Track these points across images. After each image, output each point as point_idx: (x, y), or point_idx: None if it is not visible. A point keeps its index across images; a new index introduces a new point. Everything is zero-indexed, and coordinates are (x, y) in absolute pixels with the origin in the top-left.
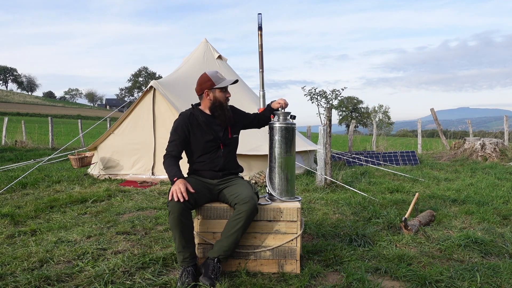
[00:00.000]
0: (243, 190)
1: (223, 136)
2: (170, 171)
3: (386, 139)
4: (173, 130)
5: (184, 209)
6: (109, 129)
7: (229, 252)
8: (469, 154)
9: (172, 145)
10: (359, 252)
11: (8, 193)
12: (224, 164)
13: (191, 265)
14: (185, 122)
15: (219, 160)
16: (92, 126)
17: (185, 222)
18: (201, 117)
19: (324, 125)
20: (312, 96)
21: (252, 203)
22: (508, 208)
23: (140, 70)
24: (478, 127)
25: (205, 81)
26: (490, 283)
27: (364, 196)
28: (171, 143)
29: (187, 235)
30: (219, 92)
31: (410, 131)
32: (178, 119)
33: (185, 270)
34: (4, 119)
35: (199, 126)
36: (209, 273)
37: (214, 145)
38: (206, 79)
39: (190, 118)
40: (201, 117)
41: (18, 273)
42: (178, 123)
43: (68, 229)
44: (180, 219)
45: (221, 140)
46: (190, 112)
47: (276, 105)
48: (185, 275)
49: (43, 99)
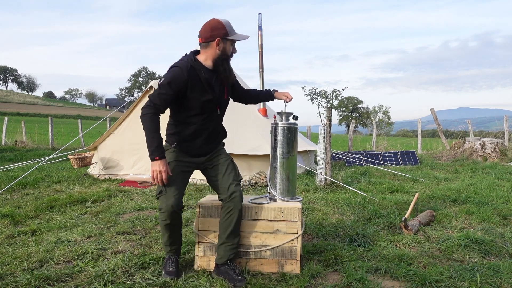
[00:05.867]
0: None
1: (221, 96)
2: (152, 140)
3: (386, 139)
4: (167, 83)
5: (176, 213)
6: (109, 129)
7: (236, 249)
8: (469, 154)
9: (162, 99)
10: (359, 252)
11: (8, 193)
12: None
13: (176, 255)
14: (183, 76)
15: (212, 124)
16: (92, 126)
17: (175, 224)
18: (202, 73)
19: (324, 125)
20: (312, 96)
21: (238, 196)
22: (508, 208)
23: (140, 70)
24: (478, 127)
25: (219, 27)
26: (490, 283)
27: (364, 196)
28: (161, 96)
29: (177, 233)
30: (230, 44)
31: (410, 131)
32: (175, 71)
33: (170, 258)
34: (4, 119)
35: (199, 83)
36: (236, 276)
37: (211, 107)
38: (220, 26)
39: (190, 72)
40: (203, 72)
41: (18, 273)
42: (174, 76)
43: (68, 229)
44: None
45: (219, 101)
46: (190, 65)
47: (281, 96)
48: (169, 263)
49: (43, 99)
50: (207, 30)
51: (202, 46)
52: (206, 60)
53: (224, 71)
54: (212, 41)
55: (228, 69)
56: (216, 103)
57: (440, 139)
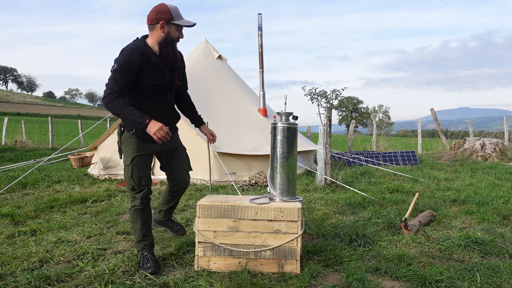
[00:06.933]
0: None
1: (171, 82)
2: (131, 112)
3: (386, 139)
4: (119, 68)
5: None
6: (109, 129)
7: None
8: (469, 154)
9: (119, 83)
10: (359, 252)
11: (8, 193)
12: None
13: (149, 252)
14: (135, 59)
15: (161, 108)
16: (92, 126)
17: (147, 212)
18: (152, 58)
19: (324, 125)
20: (312, 96)
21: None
22: (508, 208)
23: None
24: (478, 127)
25: (164, 11)
26: (490, 283)
27: (364, 196)
28: (117, 81)
29: (148, 225)
30: (175, 29)
31: (410, 131)
32: (126, 55)
33: (145, 257)
34: (4, 119)
35: (150, 66)
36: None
37: (160, 91)
38: (166, 10)
39: (142, 56)
40: (153, 57)
41: (18, 273)
42: (126, 59)
43: (68, 229)
44: (144, 211)
45: (169, 85)
46: (141, 50)
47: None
48: (146, 262)
49: (43, 99)
50: (153, 13)
51: (150, 29)
52: (153, 44)
53: (169, 53)
54: (156, 23)
55: (172, 53)
56: (166, 88)
57: (440, 139)
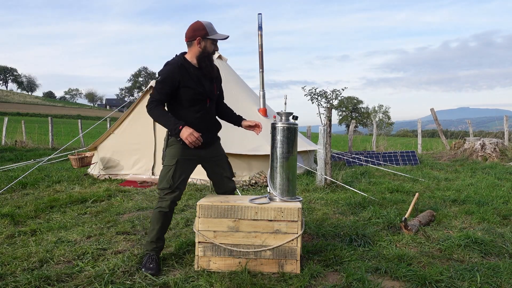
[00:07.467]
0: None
1: (210, 91)
2: (168, 118)
3: (386, 139)
4: (162, 80)
5: (174, 207)
6: (109, 129)
7: None
8: (469, 154)
9: (162, 94)
10: (359, 252)
11: (8, 193)
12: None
13: (156, 254)
14: (175, 73)
15: (204, 115)
16: (92, 126)
17: (169, 217)
18: (191, 70)
19: (324, 125)
20: (312, 96)
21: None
22: (508, 208)
23: (140, 70)
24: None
25: (200, 28)
26: (490, 283)
27: (364, 196)
28: (159, 91)
29: (165, 230)
30: (211, 43)
31: (410, 131)
32: (168, 69)
33: (150, 257)
34: (4, 119)
35: (190, 78)
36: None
37: (202, 100)
38: (201, 27)
39: (181, 69)
40: (192, 69)
41: (18, 273)
42: (168, 73)
43: (68, 229)
44: (167, 215)
45: (208, 94)
46: (180, 63)
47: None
48: (149, 262)
49: (43, 99)
50: (190, 30)
51: (188, 45)
52: (192, 58)
53: (206, 66)
54: (193, 40)
55: (210, 65)
56: (206, 96)
57: (440, 139)
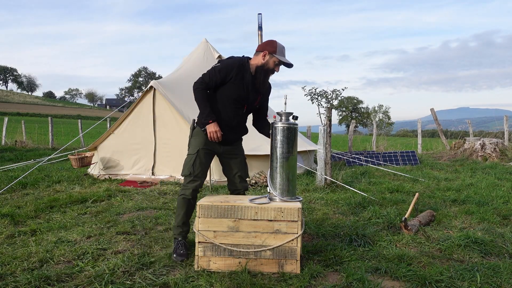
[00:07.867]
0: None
1: (252, 100)
2: (205, 108)
3: (386, 139)
4: (219, 69)
5: (196, 195)
6: (109, 129)
7: None
8: (469, 154)
9: (213, 80)
10: (359, 252)
11: (8, 193)
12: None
13: (184, 238)
14: (233, 68)
15: (237, 118)
16: (92, 126)
17: (193, 204)
18: (247, 74)
19: (324, 125)
20: (312, 96)
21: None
22: (508, 208)
23: (140, 70)
24: (478, 127)
25: (272, 45)
26: (490, 283)
27: (364, 196)
28: (211, 76)
29: (189, 215)
30: (273, 61)
31: (410, 131)
32: (229, 62)
33: (179, 243)
34: (4, 119)
35: (241, 80)
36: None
37: (240, 104)
38: (274, 44)
39: (240, 68)
40: (247, 74)
41: (18, 273)
42: (227, 65)
43: (68, 229)
44: (190, 202)
45: (248, 102)
46: (242, 63)
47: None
48: (179, 248)
49: (43, 99)
50: (264, 43)
51: (255, 54)
52: (253, 66)
53: (260, 78)
54: (261, 51)
55: (263, 80)
56: (245, 102)
57: (440, 139)
